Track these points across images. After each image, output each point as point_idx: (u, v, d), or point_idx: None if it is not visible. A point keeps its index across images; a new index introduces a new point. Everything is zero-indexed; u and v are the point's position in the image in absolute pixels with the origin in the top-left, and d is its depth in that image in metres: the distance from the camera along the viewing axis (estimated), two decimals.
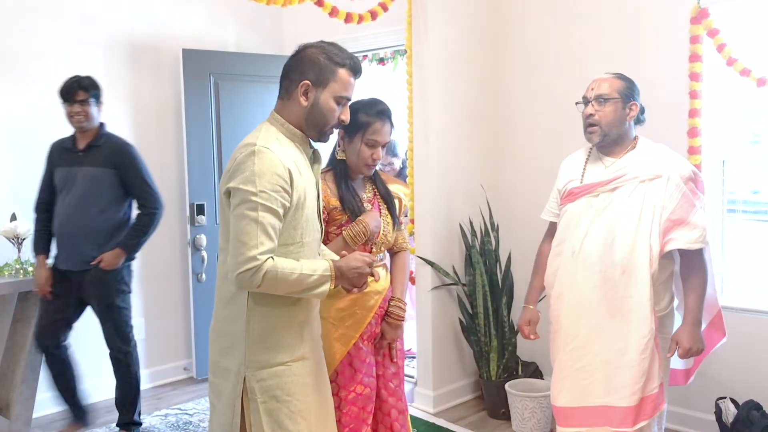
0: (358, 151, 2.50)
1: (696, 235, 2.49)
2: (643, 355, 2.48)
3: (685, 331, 2.53)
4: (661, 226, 2.48)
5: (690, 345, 2.51)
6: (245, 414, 2.01)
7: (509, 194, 4.38)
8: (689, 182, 2.54)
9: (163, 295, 4.71)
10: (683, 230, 2.48)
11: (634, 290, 2.49)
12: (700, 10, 3.45)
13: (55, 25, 4.14)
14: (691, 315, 2.54)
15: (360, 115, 2.47)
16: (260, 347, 1.99)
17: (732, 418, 3.31)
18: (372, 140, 2.49)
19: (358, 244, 2.50)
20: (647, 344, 2.48)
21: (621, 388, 2.51)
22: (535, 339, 2.86)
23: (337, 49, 2.04)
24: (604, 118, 2.56)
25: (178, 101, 4.63)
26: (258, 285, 1.88)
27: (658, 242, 2.48)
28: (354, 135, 2.50)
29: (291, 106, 2.04)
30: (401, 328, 2.67)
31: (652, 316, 2.49)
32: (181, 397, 4.45)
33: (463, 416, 4.07)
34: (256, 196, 1.87)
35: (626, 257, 2.50)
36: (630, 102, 2.58)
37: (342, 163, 2.56)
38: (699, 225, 2.49)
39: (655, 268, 2.49)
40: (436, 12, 4.01)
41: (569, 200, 2.68)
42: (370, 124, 2.48)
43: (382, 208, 2.64)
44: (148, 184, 3.54)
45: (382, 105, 2.55)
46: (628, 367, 2.50)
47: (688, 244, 2.49)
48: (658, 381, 2.52)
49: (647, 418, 2.52)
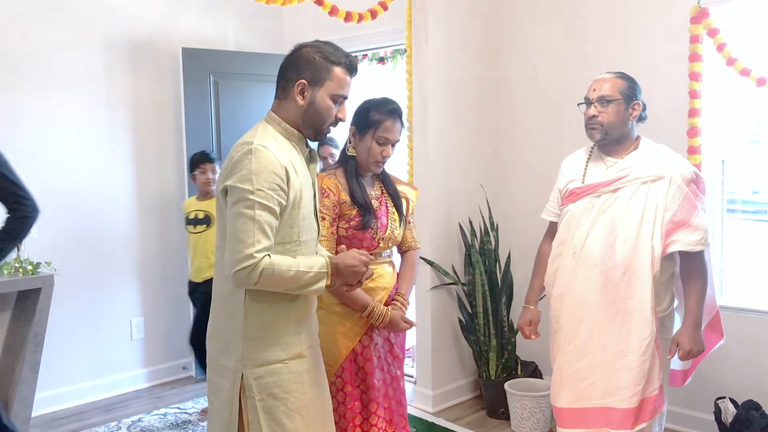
0: (369, 148, 2.55)
1: (698, 237, 2.48)
2: (643, 357, 2.48)
3: (686, 333, 2.52)
4: (664, 227, 2.48)
5: (690, 347, 2.51)
6: (243, 411, 2.01)
7: (509, 194, 4.38)
8: (691, 184, 2.53)
9: (162, 294, 4.71)
10: (685, 232, 2.48)
11: (635, 291, 2.49)
12: (700, 10, 3.44)
13: (54, 25, 4.14)
14: (691, 316, 2.53)
15: (372, 113, 2.53)
16: (257, 345, 1.99)
17: (731, 418, 3.30)
18: (383, 138, 2.54)
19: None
20: (648, 346, 2.48)
21: (621, 389, 2.50)
22: (535, 339, 2.86)
23: (333, 47, 2.06)
24: (607, 119, 2.56)
25: (178, 100, 4.63)
26: (255, 282, 1.89)
27: (660, 244, 2.48)
28: (365, 132, 2.55)
29: (288, 105, 2.05)
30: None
31: (653, 318, 2.48)
32: (180, 396, 4.45)
33: (462, 416, 4.07)
34: (252, 195, 1.88)
35: (628, 258, 2.49)
36: (633, 101, 2.57)
37: (353, 160, 2.60)
38: (701, 227, 2.49)
39: (657, 269, 2.48)
40: (436, 11, 4.01)
41: (570, 200, 2.67)
42: (381, 122, 2.54)
43: (390, 205, 2.68)
44: (20, 187, 3.14)
45: (394, 104, 2.60)
46: (628, 369, 2.49)
47: (690, 246, 2.48)
48: (658, 383, 2.51)
49: (647, 420, 2.51)
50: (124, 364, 4.54)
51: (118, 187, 4.47)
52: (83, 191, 4.30)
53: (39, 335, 3.62)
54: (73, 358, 4.29)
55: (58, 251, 4.04)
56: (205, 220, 4.14)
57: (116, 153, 4.45)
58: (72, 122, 4.25)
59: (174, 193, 4.68)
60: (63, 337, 4.21)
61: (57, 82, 4.18)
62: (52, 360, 4.07)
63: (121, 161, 4.48)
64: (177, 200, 4.68)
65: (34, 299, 3.69)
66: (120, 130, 4.47)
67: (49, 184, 4.13)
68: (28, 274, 3.68)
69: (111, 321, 4.47)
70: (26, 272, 3.70)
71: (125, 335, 4.55)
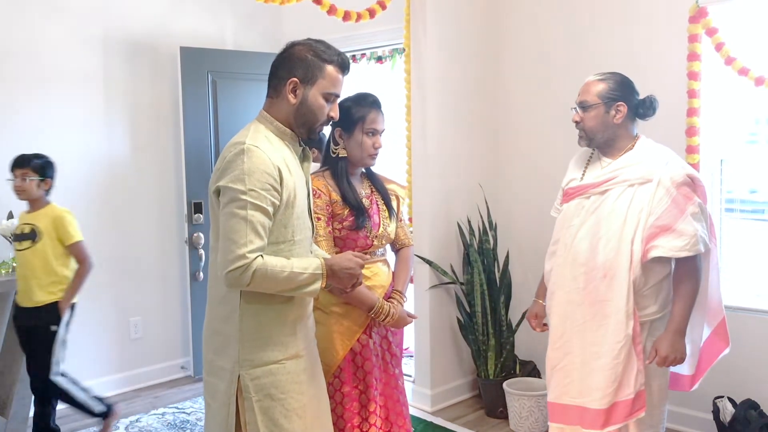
0: (361, 143, 2.57)
1: (681, 242, 2.40)
2: (616, 360, 2.46)
3: (666, 339, 2.46)
4: (645, 231, 2.43)
5: (667, 353, 2.43)
6: (240, 413, 2.01)
7: (507, 193, 4.37)
8: (682, 187, 2.45)
9: (161, 293, 4.71)
10: (668, 237, 2.41)
11: (613, 294, 2.47)
12: (699, 9, 3.44)
13: (52, 24, 4.14)
14: (673, 323, 2.47)
15: (355, 109, 2.55)
16: (254, 346, 1.99)
17: (730, 417, 3.31)
18: (372, 129, 2.57)
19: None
20: (621, 349, 2.45)
21: (593, 390, 2.51)
22: (542, 331, 2.87)
23: (325, 46, 2.05)
24: (587, 124, 2.56)
25: (176, 99, 4.63)
26: (247, 283, 1.88)
27: (639, 248, 2.44)
28: (353, 129, 2.56)
29: (280, 104, 2.05)
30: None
31: (629, 322, 2.45)
32: (178, 396, 4.45)
33: (460, 415, 4.07)
34: (245, 195, 1.87)
35: (608, 261, 2.48)
36: (615, 104, 2.52)
37: (340, 161, 2.60)
38: (686, 232, 2.40)
39: (637, 273, 2.45)
40: (434, 10, 4.00)
41: (565, 200, 2.69)
42: (366, 115, 2.57)
43: (380, 203, 2.68)
44: None
45: (372, 96, 2.64)
46: (601, 371, 2.49)
47: (672, 252, 2.41)
48: (634, 388, 2.47)
49: (619, 423, 2.49)
50: (122, 363, 4.55)
51: (116, 186, 4.47)
52: (80, 190, 4.30)
53: None
54: (71, 357, 4.27)
55: None
56: (31, 235, 3.46)
57: (114, 152, 4.45)
58: (70, 122, 4.24)
59: (172, 193, 4.68)
60: None
61: (55, 82, 4.17)
62: None
63: (118, 160, 4.48)
64: (175, 200, 4.68)
65: None
66: (118, 129, 4.46)
67: None
68: None
69: (109, 320, 4.48)
70: None
71: (123, 335, 4.55)
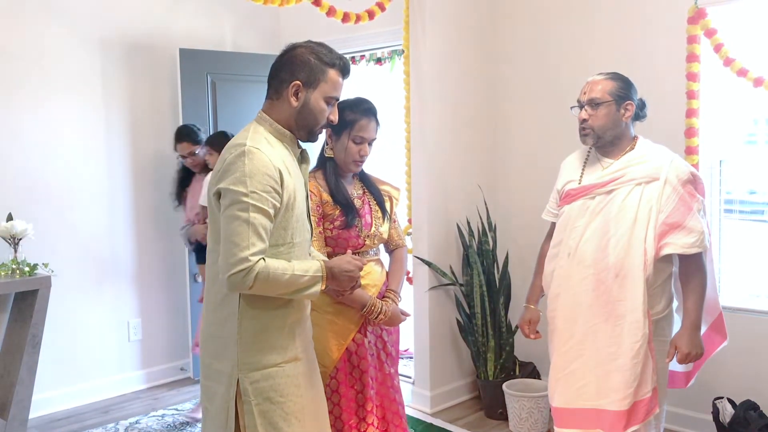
0: (346, 148, 2.58)
1: (692, 239, 2.45)
2: (635, 360, 2.47)
3: (684, 336, 2.50)
4: (657, 229, 2.46)
5: (689, 350, 2.49)
6: (239, 417, 2.00)
7: (507, 194, 4.37)
8: (687, 185, 2.50)
9: (160, 295, 4.70)
10: (679, 234, 2.45)
11: (627, 294, 2.48)
12: (698, 10, 3.44)
13: (50, 25, 4.13)
14: (689, 319, 2.51)
15: (346, 113, 2.54)
16: (252, 349, 1.98)
17: (729, 418, 3.30)
18: (359, 137, 2.57)
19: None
20: (639, 349, 2.47)
21: (612, 392, 2.50)
22: (535, 338, 2.86)
23: (326, 49, 2.05)
24: (596, 122, 2.55)
25: (175, 101, 4.62)
26: (250, 286, 1.88)
27: (653, 246, 2.46)
28: (341, 133, 2.57)
29: (280, 106, 2.05)
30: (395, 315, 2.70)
31: (645, 321, 2.47)
32: (177, 398, 4.44)
33: (460, 416, 4.06)
34: (247, 197, 1.87)
35: (620, 260, 2.48)
36: (625, 102, 2.56)
37: (331, 161, 2.62)
38: (696, 229, 2.46)
39: (650, 272, 2.47)
40: (433, 12, 4.00)
41: (567, 202, 2.67)
42: (356, 121, 2.56)
43: (372, 203, 2.70)
44: None
45: (368, 103, 2.62)
46: (619, 371, 2.49)
47: (684, 248, 2.46)
48: (650, 385, 2.50)
49: (639, 423, 2.50)
50: (121, 365, 4.54)
51: (115, 188, 4.47)
52: (80, 192, 4.30)
53: (36, 337, 3.61)
54: (71, 359, 4.29)
55: (55, 253, 4.03)
56: None
57: (113, 154, 4.45)
58: (69, 123, 4.24)
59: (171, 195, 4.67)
60: (60, 338, 4.21)
61: (53, 84, 4.17)
62: (49, 362, 4.06)
63: (117, 162, 4.47)
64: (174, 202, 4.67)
65: (32, 301, 3.68)
66: (117, 131, 4.46)
67: (45, 185, 4.13)
68: (25, 276, 3.66)
69: (108, 322, 4.47)
70: (23, 274, 3.68)
71: (123, 336, 4.55)
